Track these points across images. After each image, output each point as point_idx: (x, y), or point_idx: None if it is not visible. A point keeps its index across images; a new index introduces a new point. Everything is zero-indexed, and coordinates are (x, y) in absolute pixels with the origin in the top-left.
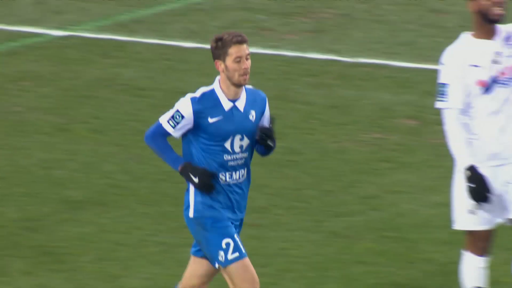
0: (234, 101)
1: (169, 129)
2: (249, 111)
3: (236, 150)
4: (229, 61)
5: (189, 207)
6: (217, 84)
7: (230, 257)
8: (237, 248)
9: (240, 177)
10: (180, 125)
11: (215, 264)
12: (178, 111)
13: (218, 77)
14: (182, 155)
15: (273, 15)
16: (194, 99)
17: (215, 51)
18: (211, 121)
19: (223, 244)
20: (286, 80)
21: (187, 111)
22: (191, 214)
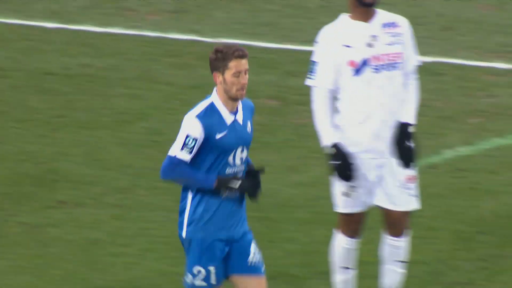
0: (234, 114)
1: (185, 157)
2: (246, 122)
3: (237, 162)
4: (228, 74)
5: (183, 228)
6: (215, 97)
7: (197, 283)
8: (207, 279)
9: None
10: (195, 149)
11: (184, 280)
12: (188, 136)
13: (215, 89)
14: None
15: None
16: (200, 116)
17: (214, 62)
18: (218, 137)
19: (195, 270)
20: (148, 61)
21: (197, 131)
22: (184, 235)
